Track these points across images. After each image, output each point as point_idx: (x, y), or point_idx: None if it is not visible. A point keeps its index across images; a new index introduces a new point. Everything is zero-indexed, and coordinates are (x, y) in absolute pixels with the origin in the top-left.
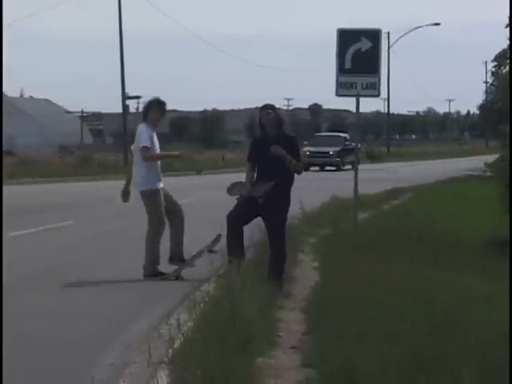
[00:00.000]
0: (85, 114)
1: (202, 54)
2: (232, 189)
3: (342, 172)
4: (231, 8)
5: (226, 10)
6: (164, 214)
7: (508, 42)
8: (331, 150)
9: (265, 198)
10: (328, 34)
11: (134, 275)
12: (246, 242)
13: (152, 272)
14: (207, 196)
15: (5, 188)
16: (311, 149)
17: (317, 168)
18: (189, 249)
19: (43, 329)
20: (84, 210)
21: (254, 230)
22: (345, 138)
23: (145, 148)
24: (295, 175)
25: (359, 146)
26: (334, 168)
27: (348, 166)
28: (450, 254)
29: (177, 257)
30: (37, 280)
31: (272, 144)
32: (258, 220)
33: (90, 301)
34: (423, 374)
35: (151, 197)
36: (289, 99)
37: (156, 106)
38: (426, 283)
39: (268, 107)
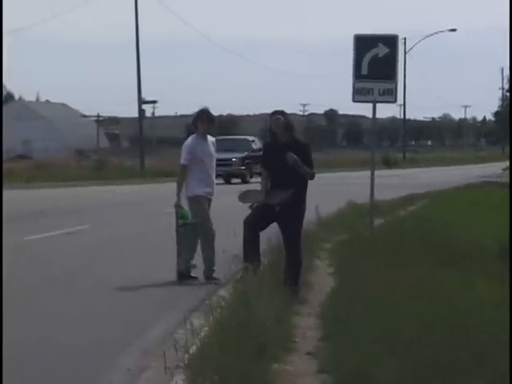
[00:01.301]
0: (101, 118)
1: (217, 58)
2: (244, 196)
3: (356, 178)
4: (246, 12)
5: (240, 15)
6: (209, 219)
7: None
8: (233, 157)
9: (281, 206)
10: (344, 39)
11: (151, 280)
12: (264, 246)
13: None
14: (221, 202)
15: (21, 192)
16: None
17: (221, 180)
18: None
19: (60, 333)
20: (100, 214)
21: (272, 235)
22: (253, 141)
23: (181, 167)
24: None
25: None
26: (239, 180)
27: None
28: (466, 260)
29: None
30: (53, 284)
31: (283, 150)
32: (276, 225)
33: (107, 305)
34: (439, 380)
35: (193, 202)
36: (304, 105)
37: (203, 117)
38: (442, 289)
39: (278, 113)
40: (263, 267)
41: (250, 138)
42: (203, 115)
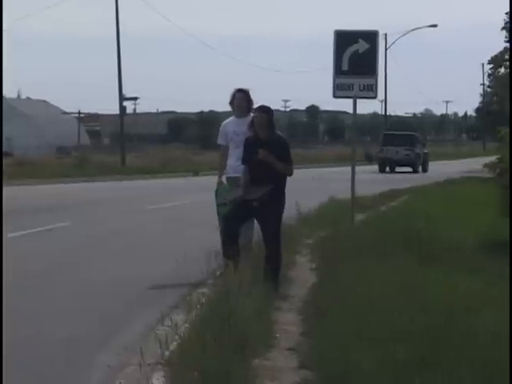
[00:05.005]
0: (82, 115)
1: (198, 54)
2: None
3: (340, 173)
4: (227, 9)
5: (222, 11)
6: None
7: (505, 45)
8: None
9: (260, 201)
10: (325, 35)
11: (132, 276)
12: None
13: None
14: (203, 198)
15: (3, 189)
16: None
17: None
18: (184, 249)
19: (40, 330)
20: (81, 211)
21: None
22: None
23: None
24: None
25: None
26: None
27: None
28: (446, 255)
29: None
30: (33, 281)
31: (263, 146)
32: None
33: (87, 302)
34: (420, 375)
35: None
36: (286, 101)
37: (233, 95)
38: (423, 284)
39: (263, 110)
40: (243, 263)
41: None
42: (233, 95)
